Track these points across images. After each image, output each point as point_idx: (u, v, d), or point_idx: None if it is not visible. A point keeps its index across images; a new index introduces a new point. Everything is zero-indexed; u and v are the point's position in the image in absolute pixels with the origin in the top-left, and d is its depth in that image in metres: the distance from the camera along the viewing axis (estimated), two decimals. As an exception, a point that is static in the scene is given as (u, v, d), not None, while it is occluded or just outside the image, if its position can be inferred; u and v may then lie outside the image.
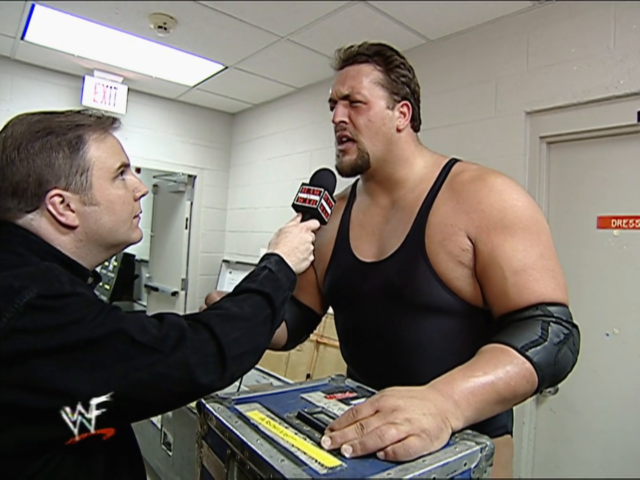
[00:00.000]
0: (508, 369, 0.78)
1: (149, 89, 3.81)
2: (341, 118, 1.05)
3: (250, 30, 2.64)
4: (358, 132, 1.04)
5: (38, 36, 2.84)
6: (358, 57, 1.06)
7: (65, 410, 0.66)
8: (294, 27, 2.58)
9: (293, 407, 0.83)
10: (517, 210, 0.93)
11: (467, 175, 1.00)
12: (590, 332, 1.94)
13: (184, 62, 3.19)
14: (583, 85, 1.99)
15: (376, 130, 1.04)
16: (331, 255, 1.18)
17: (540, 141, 2.20)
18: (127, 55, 3.11)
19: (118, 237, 0.88)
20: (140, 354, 0.70)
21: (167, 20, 2.53)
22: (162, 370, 0.71)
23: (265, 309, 0.85)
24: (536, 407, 2.17)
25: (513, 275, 0.89)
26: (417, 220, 1.02)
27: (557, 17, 2.11)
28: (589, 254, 2.03)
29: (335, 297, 1.19)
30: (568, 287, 0.92)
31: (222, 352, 0.75)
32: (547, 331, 0.83)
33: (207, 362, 0.74)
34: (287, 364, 3.39)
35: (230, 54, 3.01)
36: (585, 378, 1.97)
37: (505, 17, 2.30)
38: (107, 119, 0.88)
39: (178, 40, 2.81)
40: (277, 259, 0.94)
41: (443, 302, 0.97)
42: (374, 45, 1.07)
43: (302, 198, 1.05)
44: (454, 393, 0.73)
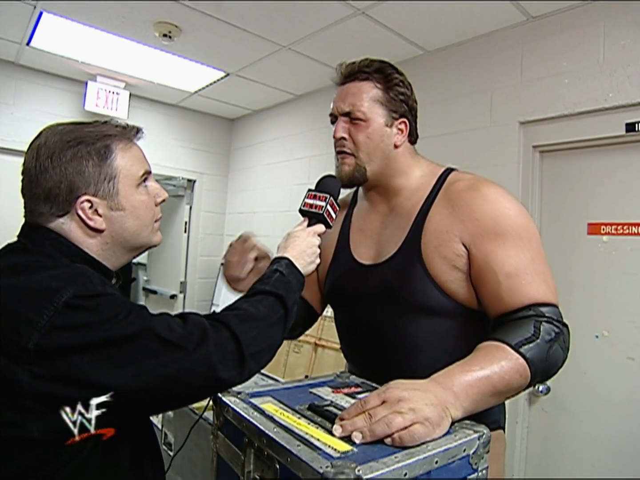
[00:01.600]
0: (503, 364, 0.82)
1: (151, 94, 3.83)
2: (341, 134, 1.09)
3: (253, 39, 2.68)
4: (357, 148, 1.08)
5: (43, 42, 2.88)
6: (359, 74, 1.09)
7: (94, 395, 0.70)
8: (295, 37, 2.63)
9: (304, 400, 0.88)
10: (509, 218, 0.96)
11: (462, 185, 1.04)
12: (580, 334, 1.99)
13: (186, 69, 3.21)
14: (574, 98, 2.04)
15: (374, 146, 1.08)
16: (332, 257, 1.23)
17: (533, 150, 2.24)
18: (130, 61, 3.14)
19: (140, 240, 0.93)
20: (167, 350, 0.74)
21: (172, 29, 2.57)
22: (187, 365, 0.75)
23: (278, 309, 0.89)
24: (529, 407, 2.21)
25: (506, 279, 0.93)
26: (414, 226, 1.05)
27: (549, 31, 2.16)
28: (579, 259, 2.07)
29: (335, 297, 1.23)
30: (559, 291, 0.97)
31: (241, 350, 0.79)
32: (539, 329, 0.87)
33: (227, 359, 0.78)
34: (286, 365, 3.38)
35: (232, 61, 3.05)
36: (575, 379, 2.02)
37: (500, 31, 2.36)
38: (132, 129, 0.93)
39: (182, 48, 2.84)
40: (287, 262, 0.97)
41: (438, 304, 1.01)
42: (375, 62, 1.10)
43: (308, 204, 1.07)
44: (453, 385, 0.78)
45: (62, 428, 0.71)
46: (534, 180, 2.25)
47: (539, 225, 2.22)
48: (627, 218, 1.93)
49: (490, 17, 2.25)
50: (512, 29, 2.31)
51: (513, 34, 2.31)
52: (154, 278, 4.79)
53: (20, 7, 2.43)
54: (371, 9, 2.26)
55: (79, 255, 0.85)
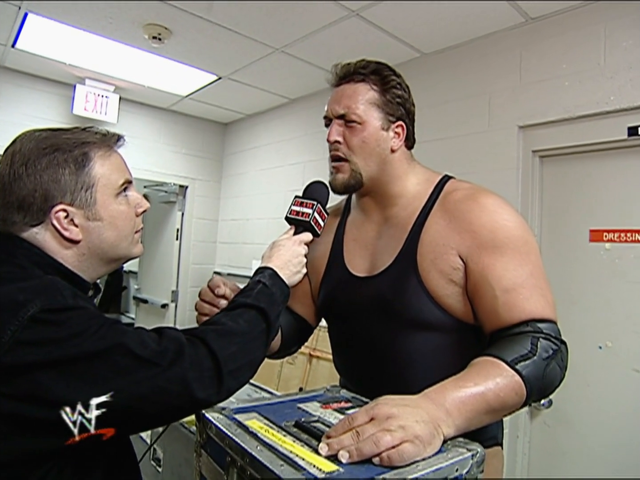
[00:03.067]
0: (498, 381, 0.81)
1: (141, 98, 3.83)
2: (335, 138, 1.07)
3: (245, 41, 2.68)
4: (351, 152, 1.07)
5: (29, 44, 2.87)
6: (355, 76, 1.08)
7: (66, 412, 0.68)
8: (289, 39, 2.63)
9: (290, 416, 0.87)
10: (508, 230, 0.96)
11: (459, 195, 1.03)
12: (583, 345, 1.99)
13: (177, 72, 3.21)
14: (575, 101, 2.04)
15: (370, 150, 1.07)
16: (325, 268, 1.21)
17: (533, 155, 2.24)
18: (119, 64, 3.13)
19: (119, 252, 0.91)
20: (139, 367, 0.72)
21: (162, 31, 2.57)
22: (160, 383, 0.73)
23: (260, 323, 0.88)
24: (530, 420, 2.19)
25: (504, 294, 0.92)
26: (410, 237, 1.05)
27: (549, 33, 2.17)
28: (581, 267, 2.06)
29: (328, 309, 1.22)
30: (560, 300, 0.96)
31: (218, 367, 0.78)
32: (536, 346, 0.87)
33: (204, 376, 0.77)
34: (280, 377, 3.38)
35: (224, 64, 3.04)
36: (578, 391, 2.00)
37: (498, 32, 2.36)
38: (112, 137, 0.92)
39: (172, 50, 2.84)
40: (270, 273, 0.96)
41: (433, 318, 1.00)
42: (372, 63, 1.09)
43: (295, 211, 1.06)
44: (445, 402, 0.77)
45: (30, 450, 0.69)
46: (534, 186, 2.24)
47: (539, 232, 2.23)
48: (630, 225, 1.93)
49: (488, 19, 2.25)
50: (511, 30, 2.31)
51: (511, 35, 2.31)
52: (145, 287, 4.77)
53: (4, 7, 2.42)
54: (365, 10, 2.26)
55: (53, 266, 0.84)
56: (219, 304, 1.01)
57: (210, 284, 1.04)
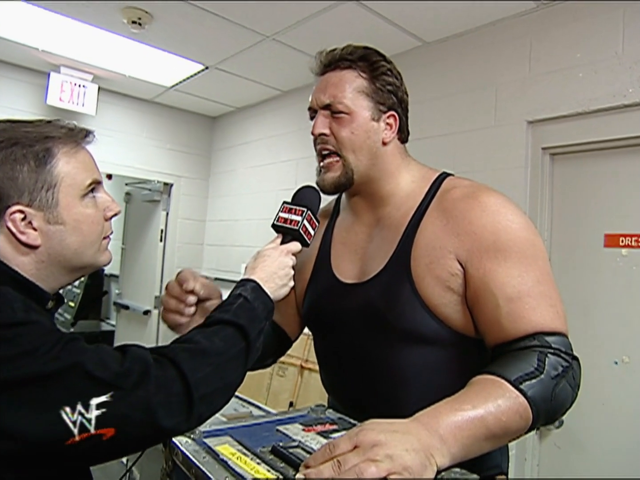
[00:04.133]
0: (499, 403, 0.78)
1: (122, 88, 3.80)
2: (321, 130, 1.05)
3: (233, 28, 2.65)
4: (341, 146, 1.04)
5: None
6: (341, 62, 1.05)
7: None
8: (280, 26, 2.60)
9: (267, 441, 0.84)
10: (512, 232, 0.93)
11: (458, 192, 1.01)
12: (597, 360, 1.96)
13: (161, 61, 3.18)
14: (589, 93, 2.02)
15: (360, 144, 1.04)
16: (311, 274, 1.19)
17: (542, 153, 2.22)
18: (98, 51, 3.10)
19: (84, 260, 0.88)
20: (98, 391, 0.68)
21: (142, 15, 2.53)
22: (121, 410, 0.69)
23: (238, 342, 0.85)
24: (539, 442, 2.16)
25: (507, 303, 0.89)
26: (403, 240, 1.02)
27: (561, 19, 2.14)
28: (595, 275, 2.04)
29: (313, 320, 1.19)
30: (572, 311, 0.93)
31: (189, 391, 0.74)
32: (544, 363, 0.83)
33: (171, 402, 0.73)
34: (269, 390, 3.36)
35: (211, 53, 3.02)
36: (592, 410, 1.97)
37: (506, 19, 2.33)
38: (79, 131, 0.88)
39: (154, 37, 2.81)
40: (253, 286, 0.93)
41: (429, 330, 0.97)
42: (359, 49, 1.06)
43: (282, 218, 1.04)
44: (439, 427, 0.73)
45: None
46: (544, 187, 2.22)
47: (549, 237, 2.20)
48: (649, 229, 1.91)
49: (496, 5, 2.22)
50: (520, 17, 2.29)
51: (521, 22, 2.28)
52: (127, 291, 4.75)
53: (-29, -12, 2.39)
54: (363, -6, 2.23)
55: (7, 274, 0.80)
56: (186, 299, 1.01)
57: (178, 277, 1.02)
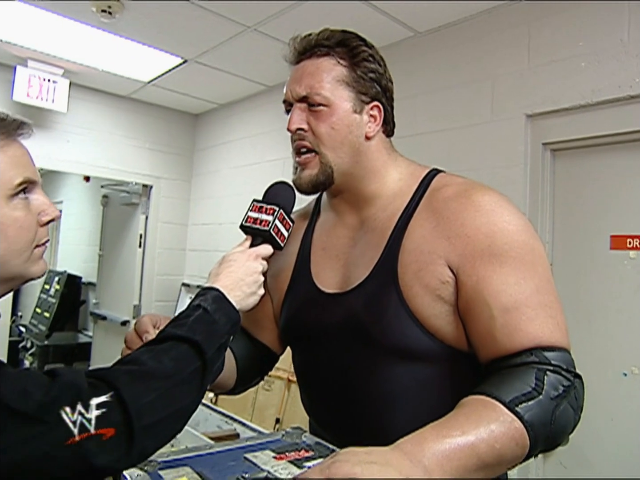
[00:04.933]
0: (492, 428, 0.74)
1: (96, 83, 3.75)
2: (298, 125, 1.02)
3: (211, 18, 2.60)
4: (319, 142, 1.01)
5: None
6: (317, 49, 1.01)
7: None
8: (261, 15, 2.55)
9: (232, 471, 0.81)
10: (509, 234, 0.91)
11: (450, 191, 0.98)
12: (604, 371, 1.94)
13: (137, 54, 3.14)
14: (592, 85, 2.00)
15: (341, 139, 1.01)
16: (288, 283, 1.15)
17: (543, 148, 2.21)
18: (69, 43, 3.04)
19: (11, 270, 0.79)
20: (15, 425, 0.62)
21: (112, 4, 2.48)
22: (44, 447, 0.62)
23: (192, 361, 0.78)
24: (543, 460, 2.13)
25: (502, 314, 0.86)
26: (389, 244, 0.99)
27: (562, 5, 2.11)
28: (601, 279, 2.02)
29: (291, 334, 1.16)
30: (577, 319, 0.92)
31: (129, 422, 0.68)
32: (542, 382, 0.80)
33: (107, 435, 0.66)
34: (254, 406, 3.34)
35: (189, 45, 2.98)
36: (600, 426, 1.94)
37: (503, 6, 2.31)
38: (12, 122, 0.81)
39: (126, 27, 2.76)
40: (215, 295, 0.88)
41: (418, 345, 0.94)
42: (337, 33, 1.03)
43: (252, 218, 1.01)
44: (424, 457, 0.69)
45: None
46: (545, 184, 2.21)
47: (551, 239, 2.19)
48: (658, 230, 1.89)
49: None
50: (518, 3, 2.27)
51: (518, 10, 2.27)
52: (104, 301, 4.70)
53: None
54: (349, -20, 2.19)
55: None
56: None
57: (136, 327, 0.97)
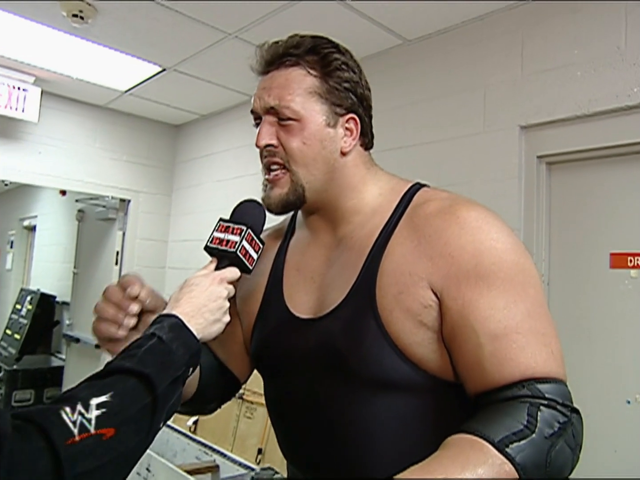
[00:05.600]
0: (480, 472, 0.71)
1: (70, 92, 3.72)
2: (267, 141, 0.98)
3: (190, 24, 2.59)
4: (290, 158, 0.98)
5: None
6: (286, 59, 0.99)
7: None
8: (243, 22, 2.54)
9: None
10: (497, 254, 0.88)
11: (432, 207, 0.95)
12: (606, 399, 1.92)
13: (113, 62, 3.11)
14: (589, 94, 2.00)
15: (313, 155, 0.99)
16: (259, 307, 1.11)
17: (538, 161, 2.20)
18: (40, 50, 3.01)
19: None
20: None
21: (84, 8, 2.44)
22: None
23: (140, 397, 0.73)
24: None
25: (491, 341, 0.83)
26: (367, 265, 0.96)
27: (556, 12, 2.12)
28: (601, 300, 2.00)
29: (262, 362, 1.13)
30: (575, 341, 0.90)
31: (59, 471, 0.61)
32: (535, 418, 0.77)
33: None
34: (235, 435, 3.31)
35: (168, 53, 2.96)
36: (602, 459, 1.90)
37: (495, 13, 2.32)
38: None
39: (99, 33, 2.73)
40: (172, 323, 0.83)
41: (399, 376, 0.91)
42: (306, 39, 1.00)
43: (217, 239, 0.97)
44: None
45: None
46: (540, 199, 2.20)
47: (547, 257, 2.17)
48: (661, 247, 1.88)
49: None
50: (510, 10, 2.28)
51: (511, 16, 2.28)
52: (78, 322, 4.65)
53: None
54: (333, -16, 2.19)
55: None
56: (128, 308, 0.94)
57: (121, 281, 0.95)
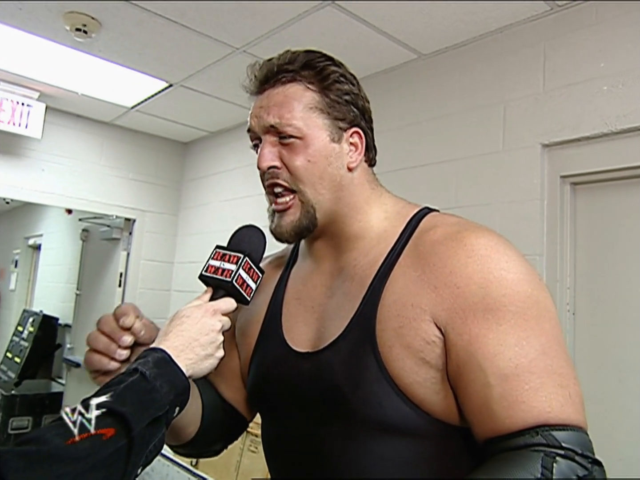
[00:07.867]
0: None
1: (75, 108, 3.77)
2: (270, 163, 0.97)
3: (197, 39, 2.62)
4: (296, 179, 0.97)
5: None
6: (281, 76, 0.98)
7: None
8: (251, 36, 2.58)
9: None
10: (507, 285, 0.85)
11: (439, 233, 0.93)
12: None
13: (118, 77, 3.15)
14: (616, 110, 1.98)
15: (320, 173, 0.98)
16: (257, 339, 1.10)
17: (562, 182, 2.18)
18: (45, 64, 3.05)
19: None
20: None
21: (88, 22, 2.47)
22: None
23: (115, 440, 0.70)
24: None
25: (500, 382, 0.80)
26: (368, 296, 0.94)
27: (581, 23, 2.12)
28: (634, 333, 1.93)
29: (258, 398, 1.11)
30: (606, 379, 0.86)
31: None
32: (550, 471, 0.73)
33: None
34: (238, 470, 3.28)
35: (174, 68, 3.00)
36: None
37: (515, 25, 2.32)
38: None
39: (104, 47, 2.76)
40: (158, 358, 0.80)
41: (399, 418, 0.88)
42: (300, 54, 1.00)
43: (212, 267, 0.96)
44: None
45: None
46: (564, 222, 2.17)
47: (573, 284, 2.14)
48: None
49: (503, 8, 2.20)
50: (531, 22, 2.28)
51: (532, 28, 2.28)
52: (79, 345, 4.63)
53: None
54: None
55: None
56: (121, 339, 0.92)
57: (116, 311, 0.95)
